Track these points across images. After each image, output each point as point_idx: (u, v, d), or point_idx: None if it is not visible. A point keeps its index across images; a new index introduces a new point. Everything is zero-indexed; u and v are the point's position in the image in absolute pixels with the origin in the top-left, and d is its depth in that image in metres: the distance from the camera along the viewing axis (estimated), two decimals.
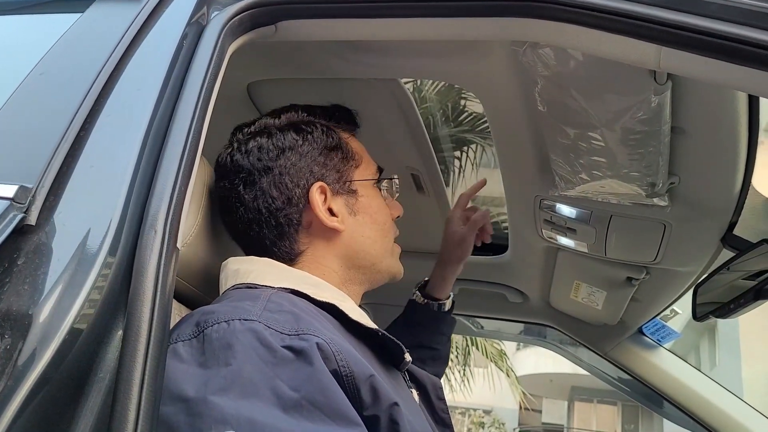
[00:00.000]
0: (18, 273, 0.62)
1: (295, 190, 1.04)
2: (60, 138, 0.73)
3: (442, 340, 1.54)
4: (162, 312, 0.67)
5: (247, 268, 1.00)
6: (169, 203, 0.72)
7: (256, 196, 1.04)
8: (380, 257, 1.12)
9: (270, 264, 1.03)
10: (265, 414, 0.71)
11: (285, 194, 1.03)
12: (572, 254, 1.74)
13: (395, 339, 0.98)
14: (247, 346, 0.76)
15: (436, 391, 1.13)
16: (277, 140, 1.06)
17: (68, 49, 0.89)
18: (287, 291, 0.94)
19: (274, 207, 1.03)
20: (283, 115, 1.11)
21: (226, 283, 1.00)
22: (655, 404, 2.28)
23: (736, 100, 1.03)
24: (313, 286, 0.98)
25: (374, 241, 1.11)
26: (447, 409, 1.14)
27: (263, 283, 0.96)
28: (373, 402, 0.81)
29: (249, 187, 1.04)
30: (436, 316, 1.52)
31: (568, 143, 1.24)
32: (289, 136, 1.07)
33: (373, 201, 1.13)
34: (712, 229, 1.38)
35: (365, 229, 1.10)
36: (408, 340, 1.33)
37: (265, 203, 1.03)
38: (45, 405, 0.57)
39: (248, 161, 1.05)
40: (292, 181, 1.04)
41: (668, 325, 2.04)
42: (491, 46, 1.16)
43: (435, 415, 1.11)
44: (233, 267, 1.01)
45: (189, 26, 0.90)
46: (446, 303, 1.53)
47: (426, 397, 1.11)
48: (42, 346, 0.58)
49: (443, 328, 1.54)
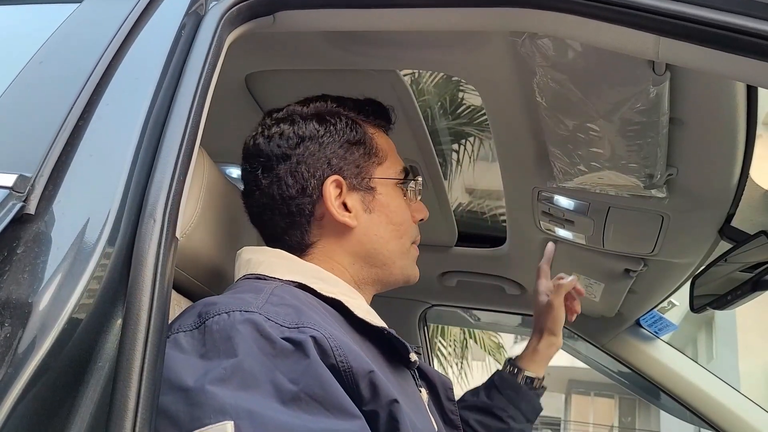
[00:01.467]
0: (17, 262, 0.62)
1: (310, 180, 1.03)
2: (59, 127, 0.73)
3: (516, 416, 1.42)
4: (161, 301, 0.67)
5: (258, 259, 1.00)
6: (168, 193, 0.72)
7: (271, 182, 1.04)
8: (393, 258, 1.10)
9: (281, 256, 1.03)
10: (264, 406, 0.71)
11: (300, 183, 1.03)
12: (570, 246, 1.75)
13: (401, 338, 0.97)
14: (247, 338, 0.77)
15: (447, 392, 1.11)
16: (298, 128, 1.06)
17: (67, 38, 0.88)
18: (294, 284, 0.94)
19: (288, 195, 1.03)
20: (311, 104, 1.10)
21: (239, 272, 1.01)
22: (652, 396, 2.30)
23: (734, 91, 1.04)
24: (322, 281, 0.98)
25: (387, 241, 1.08)
26: (457, 411, 1.12)
27: (273, 275, 0.96)
28: (373, 397, 0.81)
29: (266, 172, 1.04)
30: (518, 387, 1.44)
31: (567, 134, 1.24)
32: (311, 125, 1.06)
33: (393, 200, 1.10)
34: (710, 220, 1.38)
35: (379, 228, 1.08)
36: (479, 401, 1.34)
37: (279, 190, 1.03)
38: (45, 393, 0.57)
39: (269, 147, 1.05)
40: (308, 170, 1.03)
41: (666, 317, 2.04)
42: (489, 37, 1.16)
43: (444, 416, 1.09)
44: (246, 257, 1.02)
45: (187, 16, 0.89)
46: (535, 380, 1.45)
47: (436, 397, 1.10)
48: (41, 334, 0.58)
49: (522, 405, 1.43)
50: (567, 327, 2.20)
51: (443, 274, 2.16)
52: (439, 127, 5.20)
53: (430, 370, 1.12)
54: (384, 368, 0.91)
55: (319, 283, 0.96)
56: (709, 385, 1.97)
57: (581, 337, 2.20)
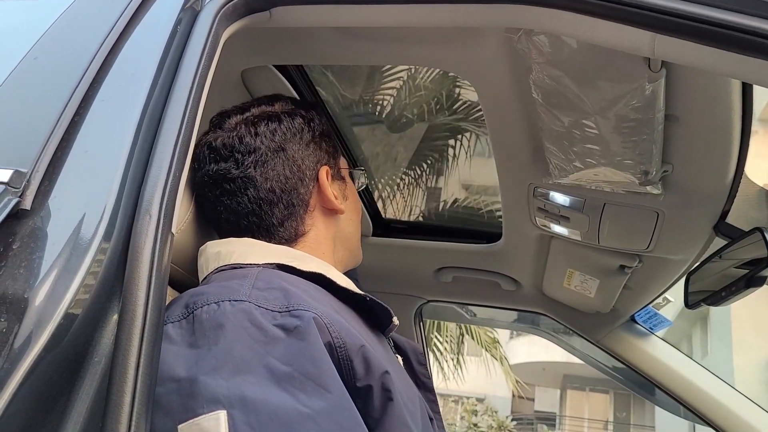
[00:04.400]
0: (14, 257, 0.62)
1: (306, 171, 1.08)
2: (54, 123, 0.73)
3: None
4: (157, 296, 0.67)
5: (228, 249, 1.00)
6: (164, 188, 0.72)
7: (268, 177, 1.05)
8: (355, 242, 1.22)
9: (250, 243, 1.03)
10: (257, 390, 0.72)
11: (297, 175, 1.07)
12: (565, 242, 1.75)
13: (383, 303, 0.99)
14: (238, 327, 0.77)
15: (417, 356, 1.14)
16: (288, 124, 1.09)
17: (62, 33, 0.88)
18: (273, 266, 0.95)
19: (288, 187, 1.06)
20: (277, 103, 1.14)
21: (207, 267, 1.00)
22: (647, 392, 2.30)
23: (730, 88, 1.04)
24: (296, 259, 0.99)
25: (356, 226, 1.21)
26: (429, 374, 1.16)
27: (247, 262, 0.96)
28: (366, 372, 0.82)
29: (260, 167, 1.05)
30: None
31: (562, 131, 1.24)
32: (297, 120, 1.10)
33: (352, 188, 1.22)
34: (705, 217, 1.38)
35: (352, 213, 1.19)
36: None
37: (279, 183, 1.05)
38: (41, 388, 0.58)
39: (262, 142, 1.06)
40: (303, 162, 1.08)
41: (660, 313, 2.05)
42: (485, 34, 1.16)
43: (417, 380, 1.12)
44: (213, 250, 1.01)
45: (183, 12, 0.89)
46: None
47: (408, 363, 1.13)
48: (38, 329, 0.58)
49: None
50: (562, 323, 2.21)
51: (439, 270, 2.16)
52: (436, 122, 5.20)
53: (400, 338, 1.14)
54: (368, 338, 0.92)
55: (295, 261, 0.97)
56: (704, 381, 1.97)
57: (576, 333, 2.20)
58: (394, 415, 0.82)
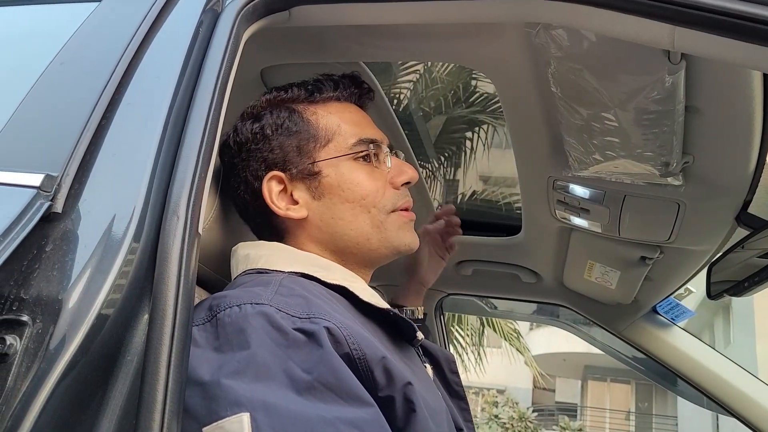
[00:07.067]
0: (47, 259, 0.64)
1: (253, 183, 1.05)
2: (82, 127, 0.75)
3: None
4: (186, 296, 0.68)
5: (257, 253, 1.01)
6: (191, 189, 0.73)
7: (237, 187, 1.08)
8: (366, 235, 1.04)
9: (279, 248, 1.04)
10: (279, 396, 0.73)
11: (249, 187, 1.06)
12: (586, 234, 1.75)
13: (406, 318, 0.99)
14: (259, 330, 0.78)
15: (450, 364, 1.14)
16: (237, 136, 1.08)
17: (87, 38, 0.90)
18: (298, 275, 0.95)
19: (247, 200, 1.07)
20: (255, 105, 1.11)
21: (237, 268, 1.02)
22: (669, 382, 2.29)
23: (750, 79, 1.03)
24: (323, 269, 0.99)
25: (350, 221, 1.04)
26: (460, 382, 1.15)
27: (273, 268, 0.97)
28: (388, 383, 0.82)
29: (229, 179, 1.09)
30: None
31: (582, 124, 1.24)
32: (245, 128, 1.07)
33: (347, 177, 1.04)
34: (727, 207, 1.38)
35: (335, 211, 1.04)
36: None
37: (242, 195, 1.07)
38: (76, 387, 0.59)
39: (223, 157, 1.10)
40: (251, 174, 1.06)
41: (682, 304, 2.04)
42: (504, 28, 1.16)
43: (449, 389, 1.12)
44: (243, 252, 1.03)
45: (204, 13, 0.90)
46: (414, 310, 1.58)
47: (440, 371, 1.12)
48: (72, 330, 0.60)
49: None
50: (583, 314, 2.21)
51: (459, 263, 2.16)
52: (453, 115, 5.20)
53: (432, 346, 1.13)
54: (391, 349, 0.92)
55: (321, 271, 0.97)
56: (726, 371, 1.96)
57: (597, 324, 2.19)
58: (417, 426, 0.82)
